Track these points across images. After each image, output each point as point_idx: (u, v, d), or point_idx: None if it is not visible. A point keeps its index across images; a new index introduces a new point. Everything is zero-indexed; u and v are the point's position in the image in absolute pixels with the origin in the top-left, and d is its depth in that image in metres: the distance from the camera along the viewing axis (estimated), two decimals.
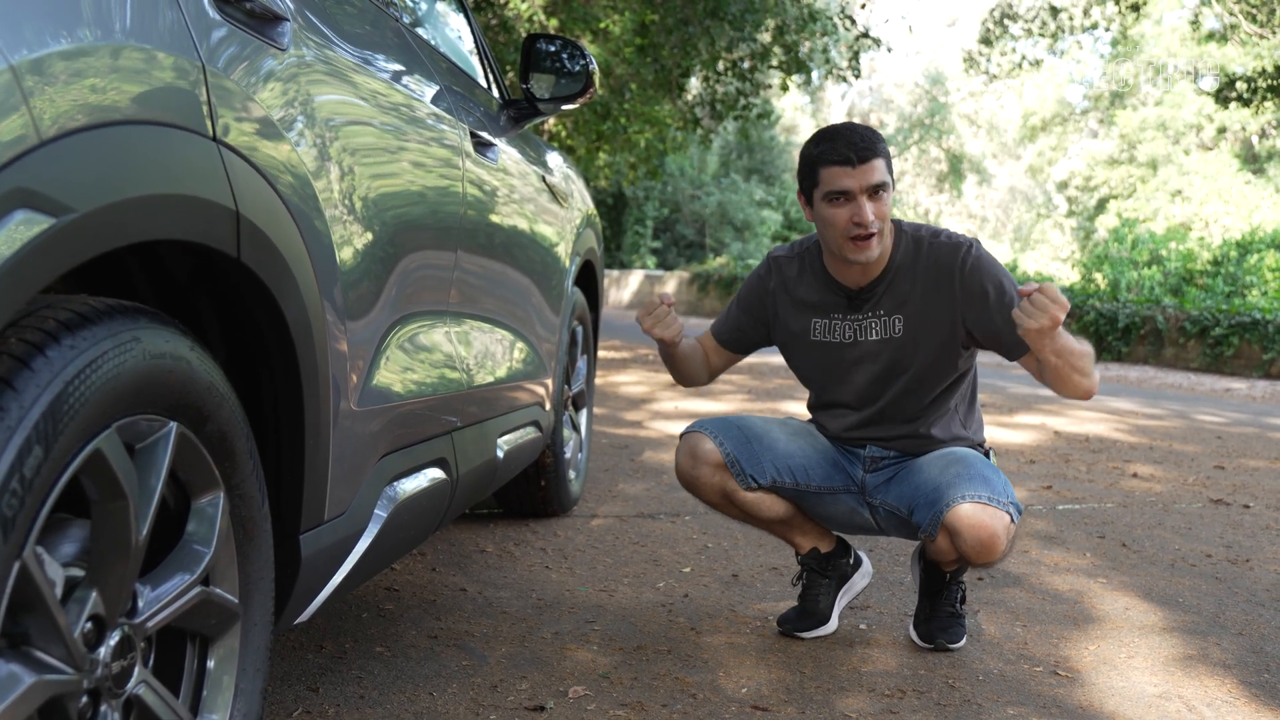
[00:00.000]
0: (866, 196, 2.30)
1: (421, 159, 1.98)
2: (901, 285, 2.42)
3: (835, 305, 2.48)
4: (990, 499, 2.29)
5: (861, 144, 2.28)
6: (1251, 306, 13.81)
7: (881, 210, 2.31)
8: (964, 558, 2.34)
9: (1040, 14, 20.13)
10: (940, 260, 2.40)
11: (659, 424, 6.03)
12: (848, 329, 2.48)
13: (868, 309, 2.45)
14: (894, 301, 2.43)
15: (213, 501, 1.32)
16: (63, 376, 1.02)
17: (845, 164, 2.28)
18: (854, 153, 2.27)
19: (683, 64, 12.57)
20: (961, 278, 2.38)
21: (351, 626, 2.42)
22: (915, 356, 2.44)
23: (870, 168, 2.28)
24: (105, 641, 1.13)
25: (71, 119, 0.99)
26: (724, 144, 32.31)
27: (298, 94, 1.47)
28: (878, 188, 2.30)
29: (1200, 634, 2.68)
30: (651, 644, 2.43)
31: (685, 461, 2.52)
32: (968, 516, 2.28)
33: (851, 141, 2.29)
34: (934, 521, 2.33)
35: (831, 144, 2.30)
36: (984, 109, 44.12)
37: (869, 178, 2.29)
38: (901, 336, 2.43)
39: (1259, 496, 4.66)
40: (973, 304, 2.38)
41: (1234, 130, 29.97)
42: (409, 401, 1.93)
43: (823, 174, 2.32)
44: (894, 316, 2.43)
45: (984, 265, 2.39)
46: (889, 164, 2.34)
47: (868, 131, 2.33)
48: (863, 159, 2.28)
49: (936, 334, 2.42)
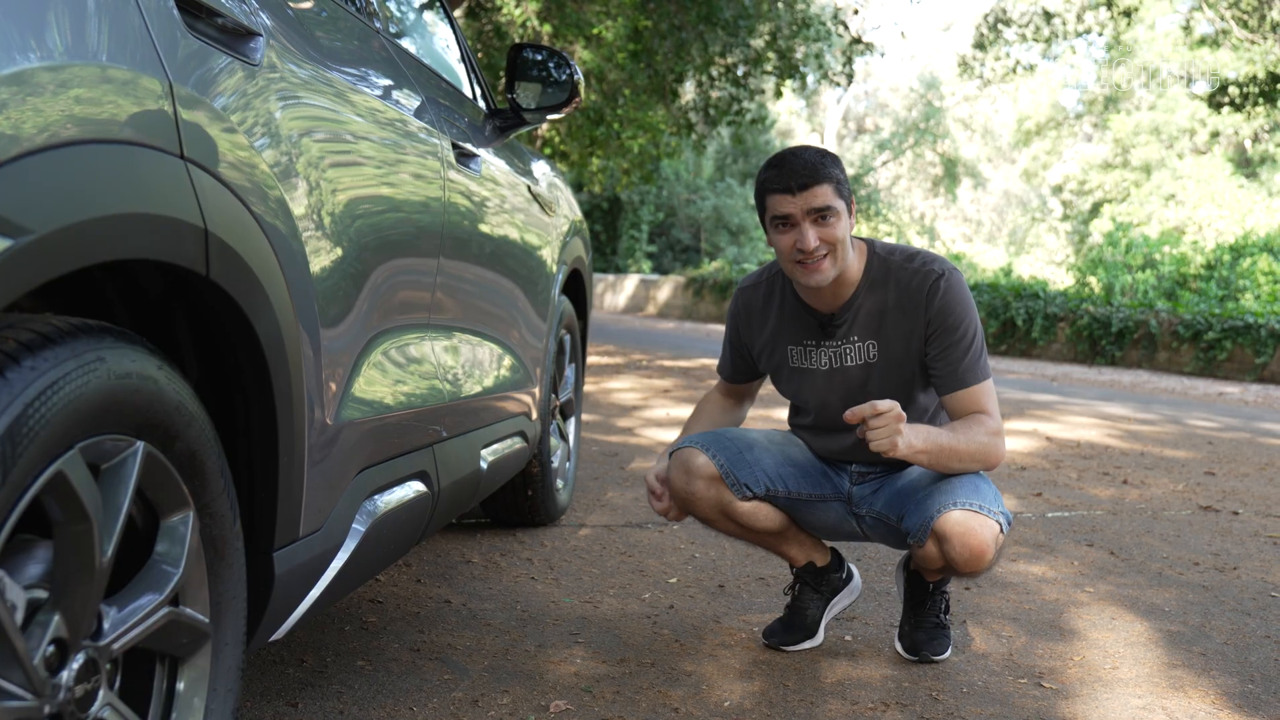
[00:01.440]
0: (810, 221, 2.28)
1: (398, 171, 1.97)
2: (874, 309, 2.42)
3: (809, 331, 2.48)
4: (980, 507, 2.29)
5: (804, 170, 2.28)
6: (1245, 310, 13.83)
7: (828, 234, 2.29)
8: (951, 565, 2.33)
9: (1034, 19, 20.16)
10: (910, 286, 2.39)
11: (650, 431, 6.02)
12: (823, 355, 2.47)
13: (840, 335, 2.44)
14: (866, 327, 2.43)
15: (182, 520, 1.30)
16: (23, 399, 1.01)
17: (785, 191, 2.29)
18: (794, 180, 2.27)
19: (676, 69, 12.58)
20: (928, 308, 2.38)
21: (333, 640, 2.41)
22: (895, 379, 2.44)
23: (811, 194, 2.27)
24: (68, 665, 1.12)
25: (33, 138, 0.98)
26: (719, 148, 32.35)
27: (270, 109, 1.47)
28: (822, 211, 2.28)
29: (1186, 644, 2.67)
30: (635, 657, 2.42)
31: (679, 478, 2.50)
32: (957, 524, 2.27)
33: (794, 169, 2.28)
34: (923, 527, 2.32)
35: (776, 171, 2.31)
36: (979, 113, 44.15)
37: (810, 202, 2.27)
38: (878, 361, 2.43)
39: (1248, 503, 4.66)
40: (935, 338, 2.38)
41: (1227, 135, 30.02)
42: (388, 415, 1.92)
43: (768, 201, 2.33)
44: (868, 342, 2.43)
45: (953, 300, 2.38)
46: (839, 187, 2.31)
47: (815, 156, 2.30)
48: (803, 186, 2.27)
49: (910, 358, 2.42)
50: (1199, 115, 29.90)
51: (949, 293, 2.38)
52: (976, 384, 2.39)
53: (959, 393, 2.39)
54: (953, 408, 2.41)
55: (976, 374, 2.39)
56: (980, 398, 2.39)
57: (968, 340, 2.38)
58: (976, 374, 2.39)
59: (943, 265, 2.40)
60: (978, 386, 2.39)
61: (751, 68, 13.70)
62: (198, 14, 1.32)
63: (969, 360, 2.38)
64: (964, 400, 2.39)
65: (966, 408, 2.39)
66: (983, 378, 2.40)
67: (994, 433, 2.36)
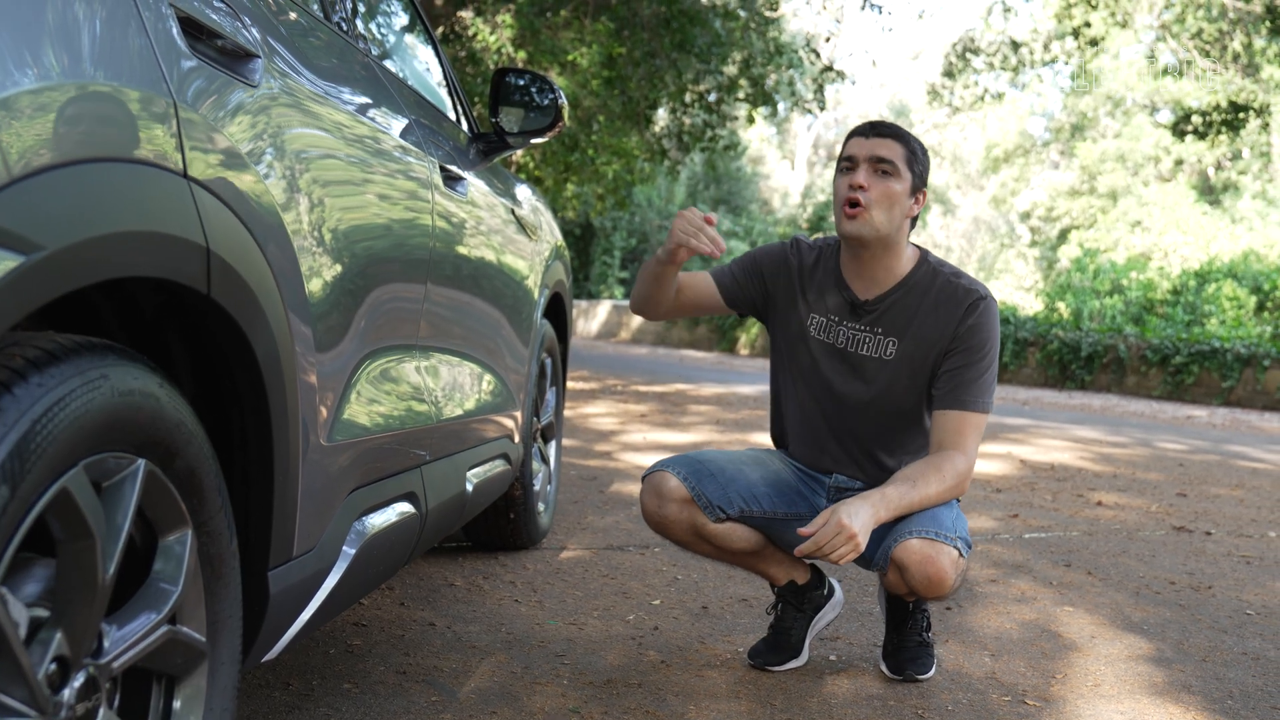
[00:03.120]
0: (868, 166, 2.37)
1: (391, 193, 1.99)
2: (907, 309, 2.45)
3: (838, 307, 2.50)
4: (938, 534, 2.31)
5: (884, 125, 2.42)
6: (1211, 335, 14.02)
7: (881, 187, 2.36)
8: (913, 591, 2.35)
9: (1002, 48, 20.44)
10: (952, 298, 2.43)
11: (628, 456, 6.03)
12: (842, 334, 2.49)
13: (867, 321, 2.47)
14: (894, 324, 2.45)
15: (180, 539, 1.31)
16: (30, 415, 1.02)
17: (860, 135, 2.41)
18: (872, 128, 2.41)
19: (650, 96, 12.65)
20: (961, 323, 2.41)
21: (319, 663, 2.40)
22: (898, 385, 2.46)
23: (881, 142, 2.38)
24: (70, 683, 1.11)
25: (42, 156, 0.99)
26: (691, 175, 32.47)
27: (268, 130, 1.48)
28: (880, 160, 2.36)
29: (1165, 661, 2.70)
30: (621, 678, 2.42)
31: (651, 501, 2.51)
32: (914, 552, 2.30)
33: (874, 123, 2.43)
34: (884, 555, 2.35)
35: (864, 123, 2.45)
36: (948, 140, 44.60)
37: (876, 149, 2.37)
38: (892, 360, 2.45)
39: (1220, 524, 4.72)
40: (955, 354, 2.41)
41: (1191, 162, 30.45)
42: (378, 435, 1.93)
43: (845, 146, 2.43)
44: (889, 338, 2.45)
45: (986, 323, 2.43)
46: (912, 157, 2.40)
47: (900, 127, 2.43)
48: (878, 133, 2.39)
49: (924, 368, 2.44)
50: (1163, 143, 30.33)
51: (985, 315, 2.43)
52: (972, 411, 2.40)
53: (952, 413, 2.41)
54: (939, 427, 2.42)
55: (978, 401, 2.41)
56: (966, 428, 2.40)
57: (984, 365, 2.41)
58: (978, 401, 2.41)
59: (986, 291, 2.46)
60: (971, 415, 2.40)
61: (724, 95, 13.81)
62: (199, 36, 1.34)
63: (978, 385, 2.41)
64: (952, 423, 2.40)
65: (951, 434, 2.40)
66: (981, 408, 2.42)
67: (960, 475, 2.37)
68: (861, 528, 2.21)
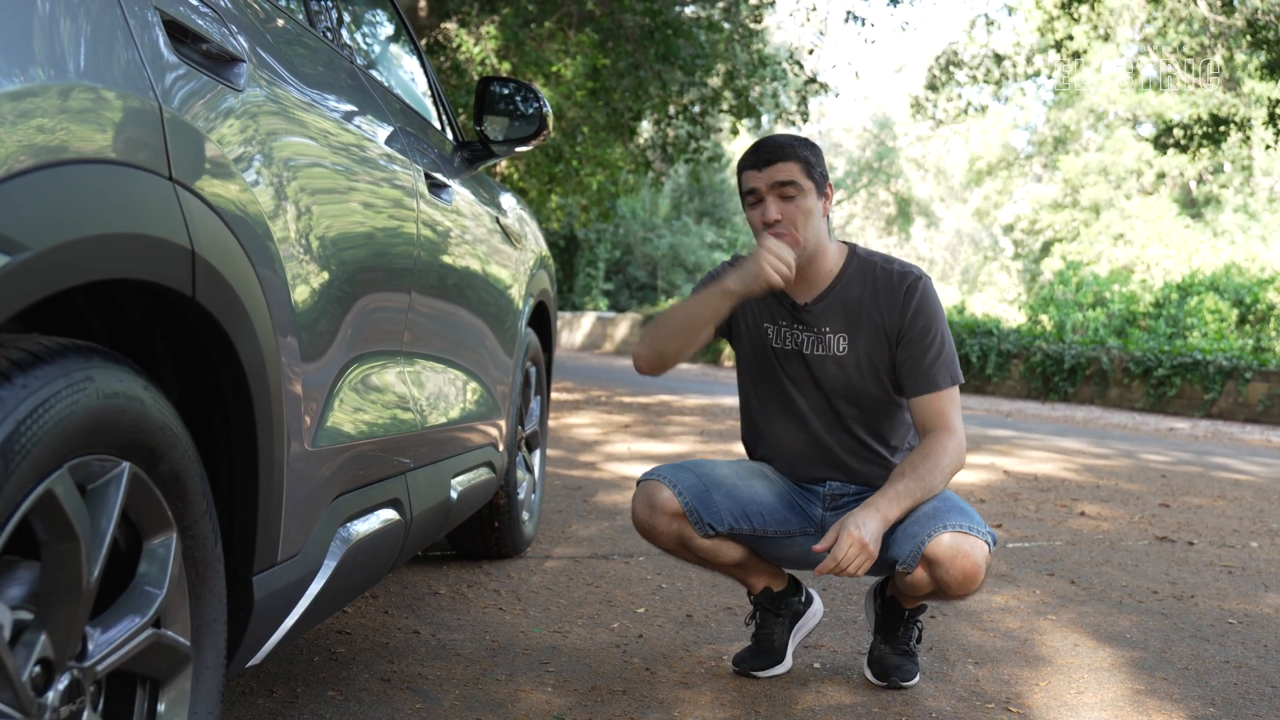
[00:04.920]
0: (774, 195, 2.38)
1: (376, 200, 1.99)
2: (848, 303, 2.47)
3: (783, 314, 2.52)
4: (970, 528, 2.31)
5: (771, 148, 2.40)
6: (1193, 348, 14.11)
7: (791, 211, 2.38)
8: (943, 589, 2.34)
9: (985, 61, 20.52)
10: (889, 285, 2.46)
11: (612, 465, 6.03)
12: (796, 338, 2.51)
13: (811, 322, 2.48)
14: (839, 320, 2.47)
15: (165, 542, 1.30)
16: (14, 416, 1.01)
17: (753, 167, 2.41)
18: (761, 156, 2.40)
19: (634, 107, 12.68)
20: (905, 308, 2.44)
21: (303, 670, 2.39)
22: (863, 380, 2.48)
23: (776, 169, 2.38)
24: (54, 685, 1.11)
25: (26, 157, 0.99)
26: (675, 187, 32.55)
27: (254, 134, 1.48)
28: (783, 185, 2.37)
29: (1148, 670, 2.71)
30: (606, 685, 2.42)
31: (642, 510, 2.51)
32: (949, 547, 2.29)
33: (764, 147, 2.41)
34: (914, 553, 2.32)
35: (750, 151, 2.45)
36: (931, 153, 44.83)
37: (774, 176, 2.38)
38: (846, 354, 2.47)
39: (1202, 534, 4.74)
40: (907, 342, 2.44)
41: (1173, 175, 30.70)
42: (363, 442, 1.93)
43: (741, 179, 2.45)
44: (838, 335, 2.47)
45: (927, 302, 2.46)
46: (808, 168, 2.39)
47: (787, 139, 2.43)
48: (768, 161, 2.38)
49: (881, 356, 2.46)
50: (1145, 156, 30.58)
51: (924, 296, 2.45)
52: (945, 388, 2.43)
53: (926, 396, 2.43)
54: (918, 414, 2.45)
55: (944, 377, 2.44)
56: (944, 405, 2.43)
57: (938, 344, 2.44)
58: (944, 377, 2.44)
59: (920, 271, 2.49)
60: (945, 392, 2.43)
61: (708, 106, 13.85)
62: (184, 39, 1.34)
63: (940, 363, 2.43)
64: (931, 405, 2.43)
65: (931, 415, 2.43)
66: (950, 382, 2.44)
67: (954, 451, 2.40)
68: (871, 537, 2.24)
